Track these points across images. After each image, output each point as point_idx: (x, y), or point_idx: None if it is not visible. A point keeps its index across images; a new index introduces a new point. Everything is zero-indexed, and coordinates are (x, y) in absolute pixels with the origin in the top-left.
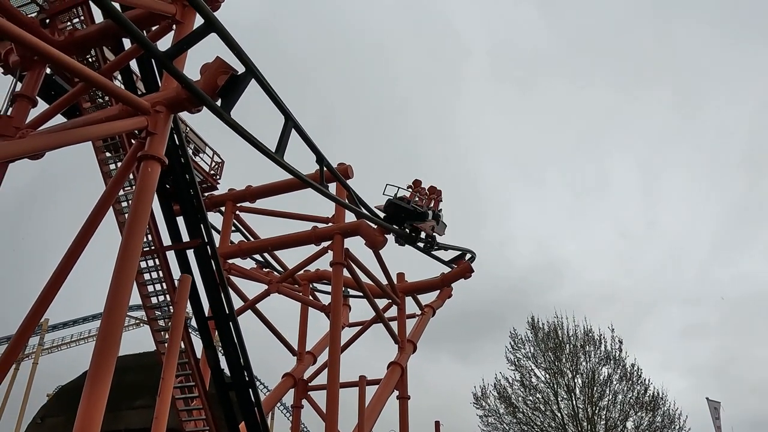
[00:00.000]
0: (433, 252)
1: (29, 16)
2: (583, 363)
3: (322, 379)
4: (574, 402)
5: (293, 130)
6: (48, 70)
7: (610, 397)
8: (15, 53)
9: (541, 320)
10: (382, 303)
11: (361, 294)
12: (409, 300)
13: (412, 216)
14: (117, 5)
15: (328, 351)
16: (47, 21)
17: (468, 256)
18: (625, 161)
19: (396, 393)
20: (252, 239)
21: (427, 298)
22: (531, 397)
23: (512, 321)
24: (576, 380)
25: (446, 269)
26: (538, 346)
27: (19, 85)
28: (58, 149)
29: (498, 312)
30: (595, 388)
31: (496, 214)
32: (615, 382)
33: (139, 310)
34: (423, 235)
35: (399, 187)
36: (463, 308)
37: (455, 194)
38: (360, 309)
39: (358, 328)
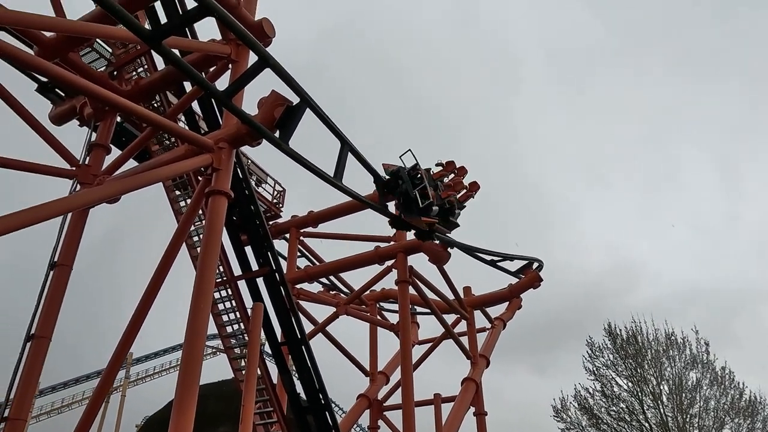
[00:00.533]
0: (498, 264)
1: (99, 70)
2: (668, 369)
3: (396, 398)
4: (662, 410)
5: (349, 153)
6: (118, 119)
7: (702, 403)
8: (89, 106)
9: (618, 326)
10: (450, 318)
11: (428, 311)
12: (477, 314)
13: (411, 204)
14: (176, 52)
15: (400, 370)
16: (115, 73)
17: (535, 264)
18: (697, 155)
19: (472, 409)
20: (317, 263)
21: (496, 311)
22: (614, 408)
23: (588, 328)
24: (662, 387)
25: (513, 280)
26: (617, 354)
27: (93, 135)
28: (132, 192)
29: (573, 320)
30: (683, 395)
31: (564, 218)
32: (705, 388)
33: (216, 339)
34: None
35: (417, 163)
36: (535, 318)
37: (519, 201)
38: (429, 326)
39: (429, 345)
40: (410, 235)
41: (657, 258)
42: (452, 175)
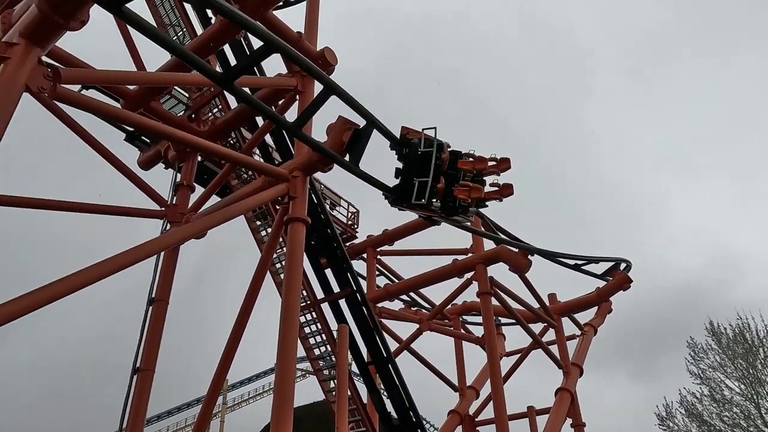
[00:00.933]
0: (583, 267)
1: (178, 114)
2: None
3: (488, 413)
4: None
5: None
6: (199, 158)
7: None
8: (172, 149)
9: (722, 324)
10: (537, 328)
11: (513, 321)
12: (565, 321)
13: (404, 194)
14: (247, 90)
15: (489, 384)
16: (193, 116)
17: (623, 265)
18: None
19: (569, 421)
20: (396, 281)
21: (584, 317)
22: (727, 413)
23: (690, 328)
24: None
25: (600, 283)
26: (724, 354)
27: (178, 176)
28: (217, 227)
29: (672, 320)
30: None
31: (653, 214)
32: None
33: (304, 362)
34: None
35: (435, 147)
36: (631, 321)
37: (604, 201)
38: (516, 336)
39: (517, 356)
40: (488, 245)
41: (762, 247)
42: (492, 163)
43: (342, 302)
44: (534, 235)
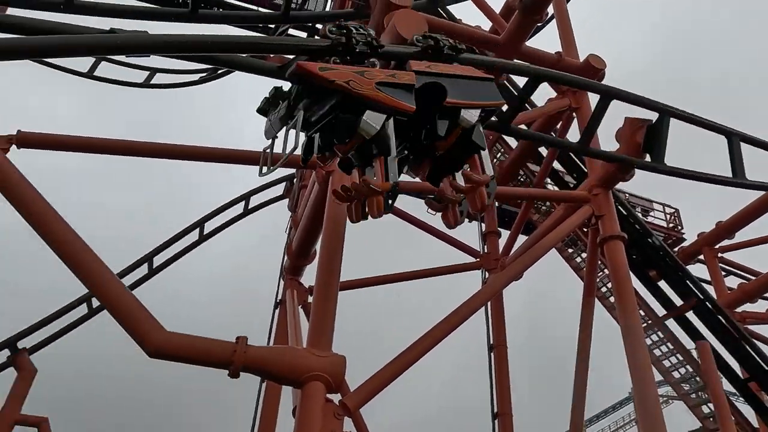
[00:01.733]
0: None
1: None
2: None
3: None
4: None
5: (741, 143)
6: (497, 203)
7: None
8: None
9: None
10: None
11: None
12: None
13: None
14: (523, 126)
15: None
16: None
17: None
18: None
19: None
20: (752, 277)
21: None
22: None
23: None
24: None
25: None
26: None
27: (483, 226)
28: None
29: None
30: None
31: None
32: None
33: (664, 386)
34: None
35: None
36: None
37: None
38: None
39: None
40: None
41: None
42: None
43: (690, 315)
44: None
